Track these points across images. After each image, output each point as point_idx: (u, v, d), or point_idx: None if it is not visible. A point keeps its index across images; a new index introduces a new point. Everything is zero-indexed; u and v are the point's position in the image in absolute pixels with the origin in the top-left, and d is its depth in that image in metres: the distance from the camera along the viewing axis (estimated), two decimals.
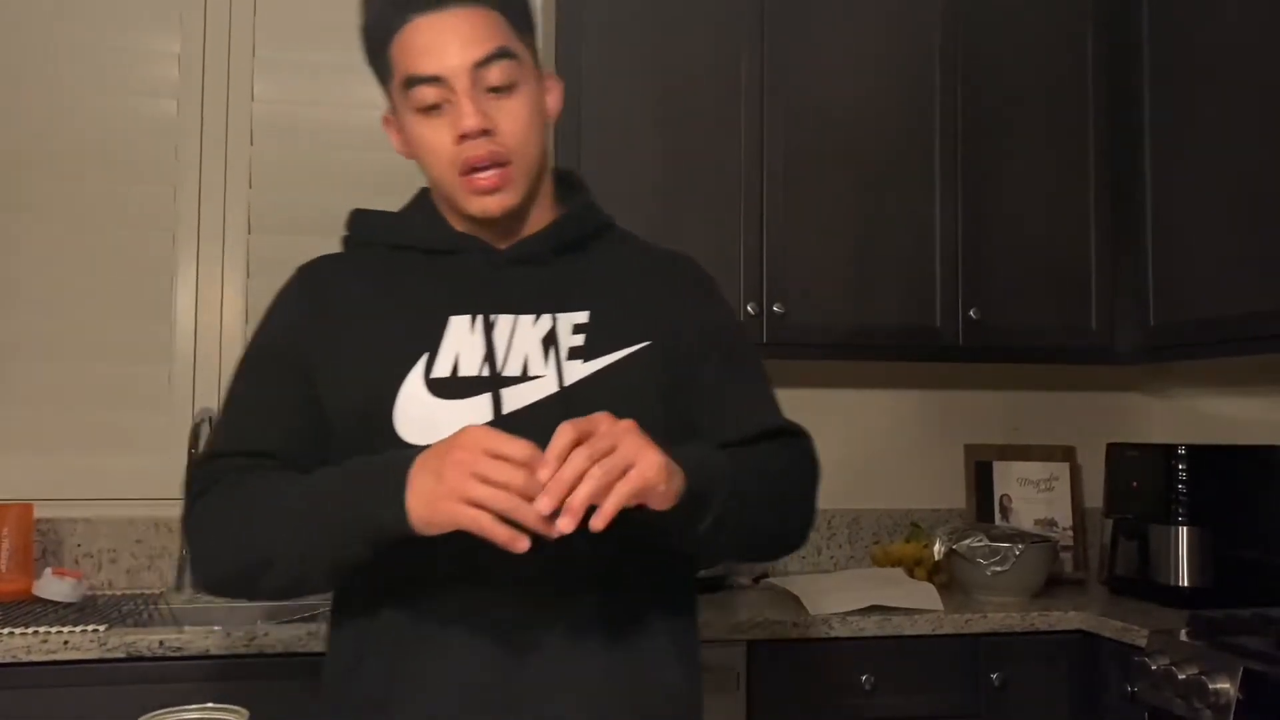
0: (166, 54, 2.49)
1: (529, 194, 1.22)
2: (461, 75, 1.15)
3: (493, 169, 1.16)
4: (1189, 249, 2.31)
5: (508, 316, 1.18)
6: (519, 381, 1.15)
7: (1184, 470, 2.26)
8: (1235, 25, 2.19)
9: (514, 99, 1.18)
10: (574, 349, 1.18)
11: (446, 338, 1.17)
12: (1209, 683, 1.69)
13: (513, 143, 1.17)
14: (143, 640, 1.82)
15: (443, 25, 1.16)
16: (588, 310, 1.20)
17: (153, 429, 2.42)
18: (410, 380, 1.15)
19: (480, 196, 1.18)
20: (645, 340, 1.21)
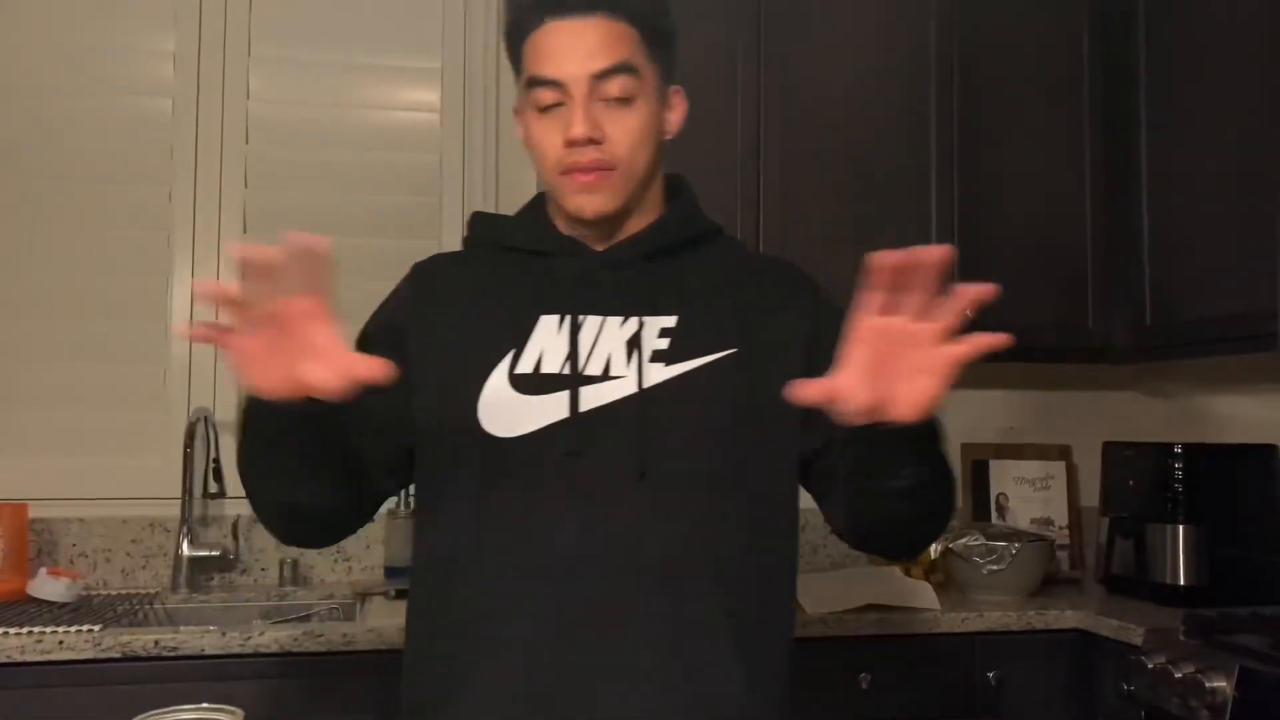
0: (161, 53, 2.48)
1: (628, 202, 1.25)
2: (579, 83, 1.19)
3: (595, 171, 1.20)
4: (1185, 248, 2.31)
5: (596, 318, 1.22)
6: (599, 381, 1.19)
7: (1180, 469, 2.27)
8: (1230, 26, 2.19)
9: (628, 112, 1.21)
10: (657, 352, 1.21)
11: (534, 336, 1.21)
12: (1205, 681, 1.69)
13: (620, 152, 1.21)
14: (138, 640, 1.81)
15: (572, 32, 1.20)
16: (676, 315, 1.23)
17: (148, 429, 2.42)
18: (496, 374, 1.20)
19: (576, 194, 1.21)
20: (731, 348, 1.23)
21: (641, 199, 1.27)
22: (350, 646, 1.88)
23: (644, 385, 1.19)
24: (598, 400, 1.18)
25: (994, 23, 2.50)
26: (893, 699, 2.08)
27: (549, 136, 1.21)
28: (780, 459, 1.24)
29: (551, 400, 1.18)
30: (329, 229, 2.67)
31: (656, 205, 1.31)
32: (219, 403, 2.43)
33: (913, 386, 1.01)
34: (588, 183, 1.20)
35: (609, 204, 1.22)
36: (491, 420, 1.18)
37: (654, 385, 1.19)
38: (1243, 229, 2.13)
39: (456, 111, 2.60)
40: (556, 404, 1.18)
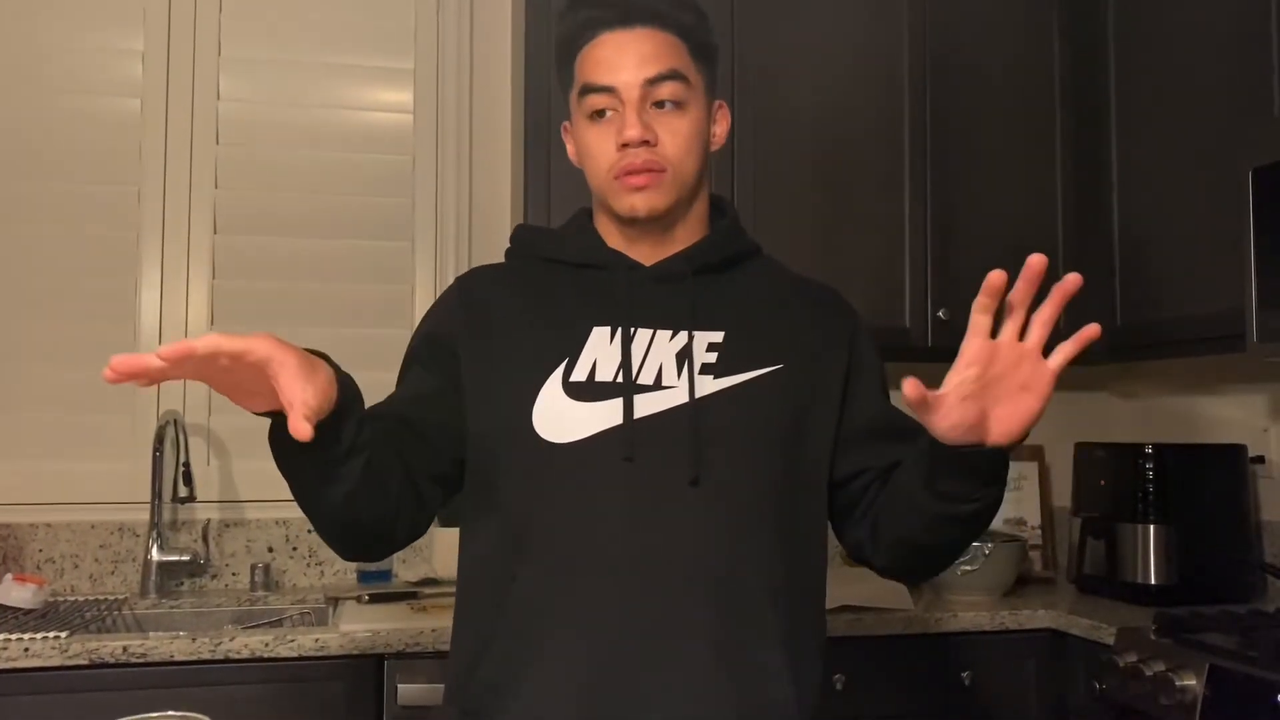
0: (130, 52, 2.45)
1: (677, 205, 1.28)
2: (632, 89, 1.24)
3: (646, 173, 1.24)
4: (1154, 249, 2.33)
5: (646, 330, 1.25)
6: (651, 390, 1.22)
7: (1151, 469, 2.28)
8: (1198, 29, 2.21)
9: (678, 117, 1.26)
10: (706, 365, 1.24)
11: (587, 346, 1.24)
12: (1175, 679, 1.70)
13: (671, 155, 1.25)
14: (105, 647, 1.79)
15: (625, 42, 1.26)
16: (723, 330, 1.26)
17: (116, 432, 2.39)
18: (550, 382, 1.23)
19: (629, 194, 1.25)
20: (778, 364, 1.27)
21: (689, 208, 1.31)
22: (323, 652, 1.86)
23: (695, 395, 1.22)
24: (651, 409, 1.21)
25: (966, 29, 2.52)
26: (866, 699, 2.08)
27: (602, 143, 1.25)
28: (817, 473, 1.29)
29: (605, 407, 1.21)
30: (300, 230, 2.67)
31: (702, 221, 1.35)
32: (188, 406, 2.41)
33: (1016, 406, 1.09)
34: (640, 183, 1.24)
35: (661, 202, 1.26)
36: (546, 426, 1.21)
37: (705, 396, 1.22)
38: (1212, 231, 2.15)
39: (429, 112, 2.59)
40: (610, 411, 1.21)
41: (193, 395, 2.42)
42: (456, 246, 2.56)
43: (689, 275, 1.29)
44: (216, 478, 2.42)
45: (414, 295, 2.55)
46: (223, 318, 2.45)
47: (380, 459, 1.13)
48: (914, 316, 2.44)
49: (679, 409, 1.21)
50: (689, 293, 1.28)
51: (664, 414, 1.21)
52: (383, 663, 1.89)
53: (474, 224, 2.58)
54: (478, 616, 1.24)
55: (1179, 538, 2.25)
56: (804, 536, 1.28)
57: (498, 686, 1.20)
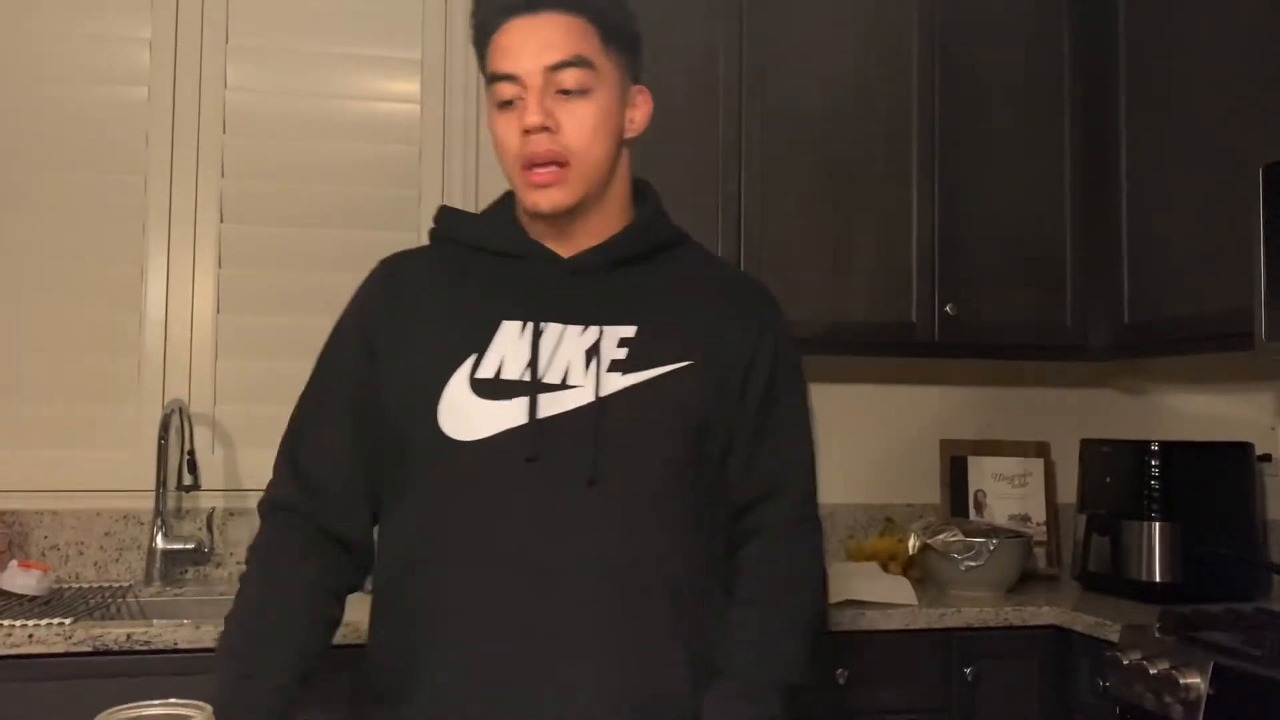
0: (138, 40, 2.45)
1: (586, 197, 1.26)
2: (534, 75, 1.22)
3: (550, 166, 1.23)
4: (1163, 247, 2.32)
5: (557, 325, 1.25)
6: (557, 389, 1.22)
7: (1156, 466, 2.28)
8: (1209, 27, 2.20)
9: (582, 103, 1.24)
10: (615, 361, 1.23)
11: (495, 341, 1.24)
12: (1180, 678, 1.70)
13: (574, 144, 1.23)
14: (109, 634, 1.79)
15: (529, 28, 1.24)
16: (635, 325, 1.26)
17: (122, 420, 2.39)
18: (456, 378, 1.23)
19: (533, 190, 1.24)
20: (688, 360, 1.25)
21: (603, 197, 1.29)
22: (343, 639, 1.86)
23: (600, 394, 1.21)
24: (555, 408, 1.21)
25: (974, 24, 2.50)
26: (869, 694, 2.08)
27: (509, 131, 1.24)
28: (718, 471, 1.29)
29: (511, 406, 1.21)
30: (306, 220, 2.67)
31: (623, 209, 1.33)
32: (194, 394, 2.41)
33: None
34: (543, 180, 1.23)
35: (564, 199, 1.24)
36: (451, 423, 1.22)
37: (609, 395, 1.22)
38: (1220, 228, 2.14)
39: (436, 103, 2.58)
40: (516, 410, 1.21)
41: (198, 383, 2.42)
42: None
43: (606, 268, 1.28)
44: (221, 466, 2.42)
45: None
46: (229, 307, 2.45)
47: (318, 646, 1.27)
48: (921, 312, 2.43)
49: (584, 409, 1.21)
50: (603, 287, 1.27)
51: (568, 414, 1.21)
52: None
53: None
54: (386, 608, 1.27)
55: (1184, 535, 2.25)
56: (707, 532, 1.28)
57: (404, 675, 1.22)
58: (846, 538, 2.68)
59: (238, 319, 2.45)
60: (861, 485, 2.72)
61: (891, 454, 2.75)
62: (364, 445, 1.29)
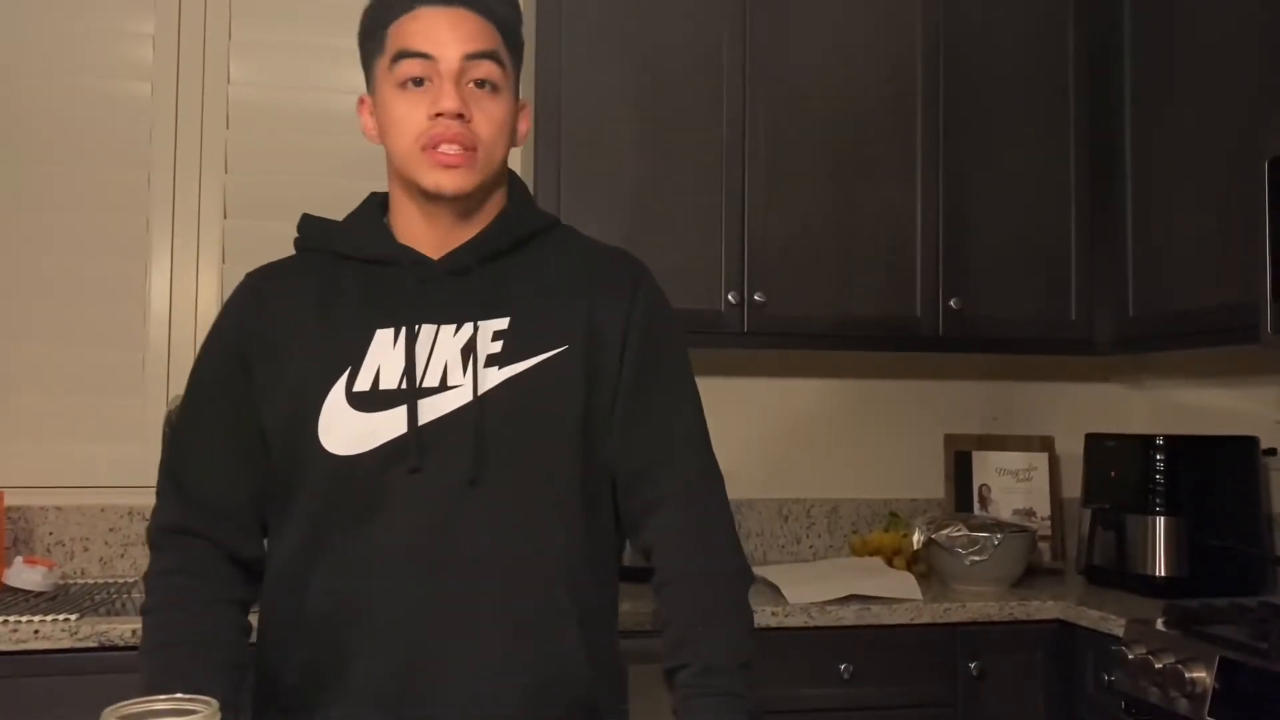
0: (140, 35, 2.45)
1: (481, 189, 1.25)
2: (452, 61, 1.21)
3: (457, 148, 1.21)
4: (1168, 240, 2.31)
5: (430, 327, 1.22)
6: (437, 392, 1.20)
7: (1161, 460, 2.28)
8: (1214, 19, 2.19)
9: (493, 100, 1.24)
10: (491, 356, 1.22)
11: (370, 352, 1.22)
12: (1185, 672, 1.70)
13: (484, 136, 1.22)
14: (115, 629, 1.79)
15: (444, 17, 1.23)
16: (509, 316, 1.24)
17: (126, 416, 2.39)
18: (333, 394, 1.20)
19: (439, 170, 1.21)
20: (563, 345, 1.24)
21: (488, 196, 1.29)
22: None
23: (479, 392, 1.20)
24: (436, 412, 1.20)
25: (980, 15, 2.50)
26: (874, 689, 2.08)
27: (413, 112, 1.21)
28: (602, 452, 1.27)
29: (390, 416, 1.19)
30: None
31: (498, 206, 1.31)
32: None
33: None
34: (452, 161, 1.21)
35: (468, 182, 1.23)
36: (331, 439, 1.20)
37: (488, 390, 1.20)
38: (1225, 222, 2.13)
39: None
40: (395, 420, 1.19)
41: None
42: None
43: (477, 265, 1.26)
44: None
45: None
46: None
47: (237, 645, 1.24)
48: (925, 306, 2.43)
49: (464, 409, 1.20)
50: (475, 284, 1.25)
51: (449, 416, 1.20)
52: None
53: None
54: (277, 624, 1.25)
55: (1189, 529, 2.24)
56: (596, 511, 1.27)
57: (296, 687, 1.21)
58: (851, 532, 2.68)
59: None
60: (866, 480, 2.72)
61: (896, 448, 2.75)
62: (246, 463, 1.26)
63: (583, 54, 2.31)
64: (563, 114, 2.28)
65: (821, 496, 2.68)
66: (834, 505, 2.70)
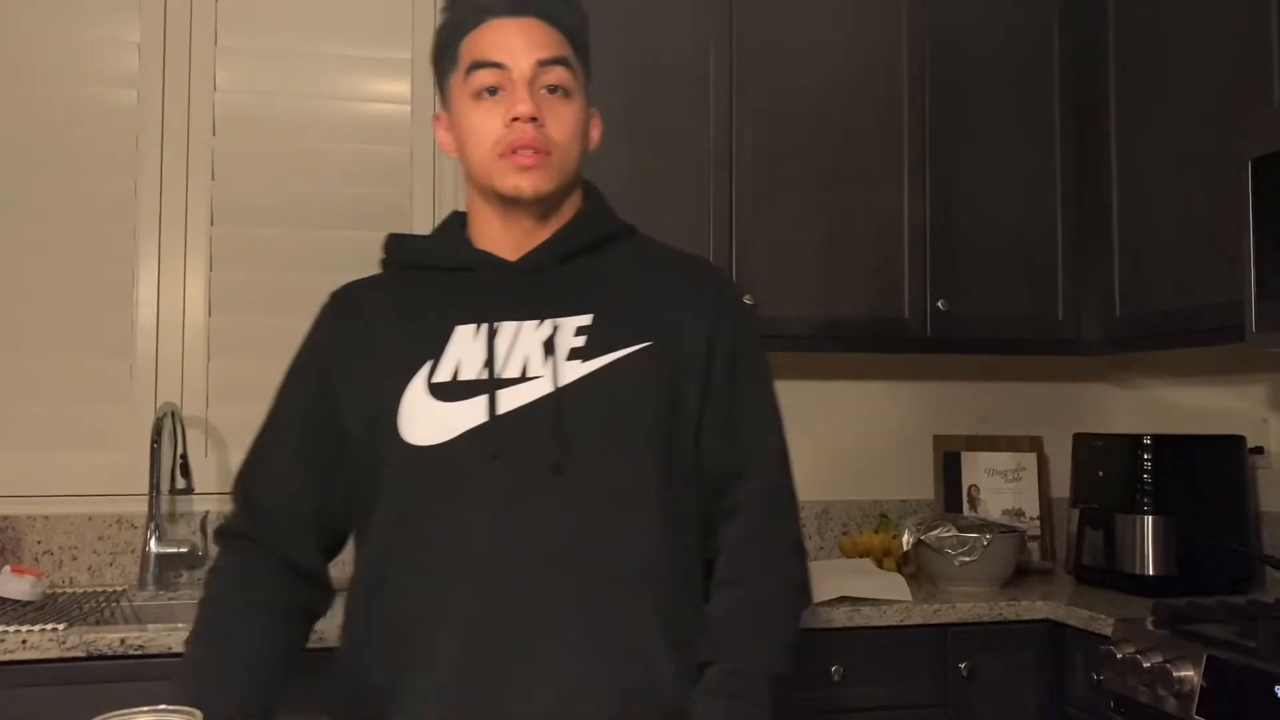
0: (126, 43, 2.44)
1: (558, 191, 1.29)
2: (524, 68, 1.25)
3: (533, 152, 1.24)
4: (1154, 241, 2.32)
5: (511, 323, 1.25)
6: (517, 383, 1.22)
7: (1149, 460, 2.28)
8: (1198, 19, 2.20)
9: (566, 104, 1.27)
10: (574, 350, 1.24)
11: (450, 345, 1.25)
12: (1173, 670, 1.70)
13: (557, 139, 1.26)
14: (103, 639, 1.79)
15: (516, 27, 1.27)
16: (591, 313, 1.26)
17: (114, 424, 2.39)
18: (413, 386, 1.23)
19: (515, 173, 1.24)
20: (645, 341, 1.26)
21: (564, 199, 1.32)
22: (320, 643, 1.84)
23: (559, 384, 1.22)
24: (516, 402, 1.22)
25: (965, 17, 2.51)
26: (865, 690, 2.08)
27: (489, 120, 1.25)
28: (687, 448, 1.29)
29: (470, 405, 1.22)
30: (297, 221, 2.67)
31: (573, 211, 1.34)
32: (186, 397, 2.40)
33: None
34: (527, 164, 1.24)
35: (546, 184, 1.26)
36: (412, 430, 1.22)
37: (569, 383, 1.22)
38: (1210, 221, 2.14)
39: (427, 103, 2.58)
40: (475, 409, 1.22)
41: (191, 386, 2.41)
42: None
43: (554, 265, 1.29)
44: (215, 469, 2.41)
45: None
46: (220, 309, 2.45)
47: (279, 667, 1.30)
48: (913, 307, 2.43)
49: (544, 399, 1.22)
50: (554, 282, 1.28)
51: (529, 406, 1.22)
52: None
53: None
54: (361, 620, 1.27)
55: (1177, 529, 2.25)
56: (681, 514, 1.27)
57: (377, 688, 1.22)
58: (840, 534, 2.69)
59: (229, 321, 2.45)
60: (855, 481, 2.73)
61: (885, 450, 2.75)
62: (317, 475, 1.31)
63: None
64: None
65: (811, 498, 2.68)
66: (824, 507, 2.71)
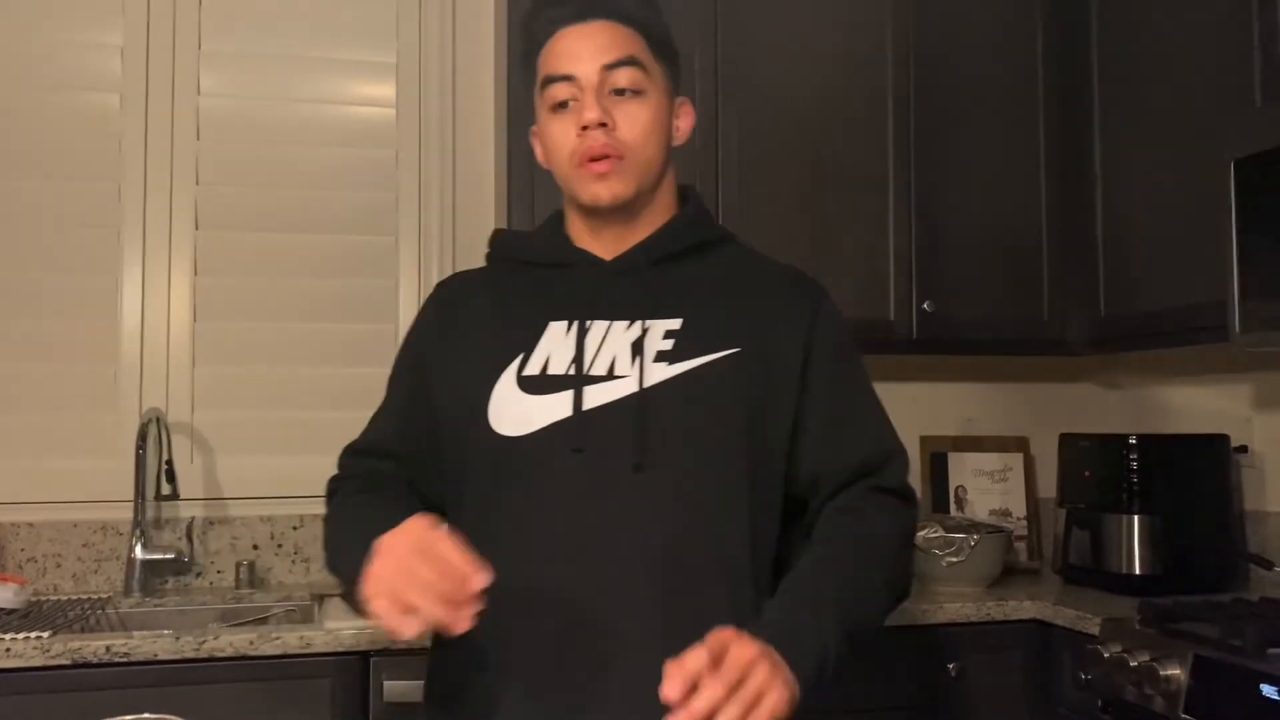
0: (109, 46, 2.43)
1: (639, 193, 1.30)
2: (591, 75, 1.27)
3: (606, 159, 1.26)
4: (1138, 242, 2.33)
5: (603, 322, 1.28)
6: (604, 380, 1.24)
7: (1135, 460, 2.29)
8: (1182, 19, 2.21)
9: (636, 103, 1.28)
10: (661, 352, 1.26)
11: (543, 340, 1.28)
12: (1160, 669, 1.71)
13: (629, 140, 1.27)
14: (88, 646, 1.78)
15: (583, 34, 1.29)
16: (681, 318, 1.28)
17: (98, 430, 2.37)
18: (504, 378, 1.26)
19: (592, 182, 1.27)
20: (734, 347, 1.27)
21: (652, 198, 1.33)
22: (308, 649, 1.85)
23: (645, 384, 1.24)
24: (601, 399, 1.24)
25: (950, 20, 2.51)
26: (852, 691, 2.07)
27: (564, 132, 1.28)
28: (773, 455, 1.29)
29: (556, 399, 1.24)
30: (283, 226, 2.66)
31: (668, 212, 1.36)
32: (171, 403, 2.39)
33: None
34: (601, 170, 1.26)
35: (622, 189, 1.28)
36: (500, 420, 1.25)
37: (654, 384, 1.24)
38: (1193, 222, 2.15)
39: (412, 106, 2.58)
40: (560, 403, 1.24)
41: (176, 392, 2.40)
42: (440, 241, 2.55)
43: (648, 266, 1.31)
44: (200, 475, 2.40)
45: (398, 290, 2.54)
46: (205, 314, 2.44)
47: None
48: (899, 309, 2.44)
49: (628, 398, 1.23)
50: (647, 284, 1.30)
51: (614, 404, 1.23)
52: (369, 660, 1.88)
53: (458, 218, 2.56)
54: None
55: (1163, 528, 2.26)
56: (762, 520, 1.28)
57: (465, 678, 1.24)
58: None
59: (214, 326, 2.44)
60: None
61: None
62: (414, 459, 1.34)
63: None
64: None
65: None
66: None
